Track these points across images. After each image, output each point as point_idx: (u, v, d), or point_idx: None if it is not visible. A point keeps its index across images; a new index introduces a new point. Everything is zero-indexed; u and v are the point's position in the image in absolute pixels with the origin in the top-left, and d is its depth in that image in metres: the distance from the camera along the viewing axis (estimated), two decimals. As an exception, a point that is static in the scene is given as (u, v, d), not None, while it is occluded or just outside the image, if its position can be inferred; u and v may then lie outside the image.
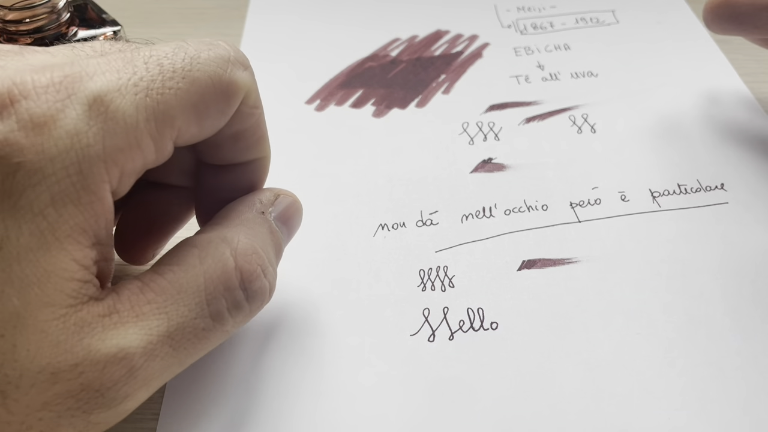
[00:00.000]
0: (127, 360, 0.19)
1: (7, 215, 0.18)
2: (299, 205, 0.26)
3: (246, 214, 0.24)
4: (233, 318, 0.22)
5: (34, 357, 0.18)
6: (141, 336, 0.19)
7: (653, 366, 0.25)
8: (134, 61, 0.20)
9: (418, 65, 0.39)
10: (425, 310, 0.27)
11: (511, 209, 0.31)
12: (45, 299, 0.18)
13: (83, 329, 0.18)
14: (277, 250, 0.24)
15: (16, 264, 0.18)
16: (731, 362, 0.25)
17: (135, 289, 0.20)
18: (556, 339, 0.26)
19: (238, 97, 0.22)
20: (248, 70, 0.23)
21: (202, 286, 0.21)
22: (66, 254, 0.18)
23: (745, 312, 0.26)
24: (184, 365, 0.21)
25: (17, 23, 0.30)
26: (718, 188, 0.31)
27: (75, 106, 0.18)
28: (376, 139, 0.34)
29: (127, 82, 0.19)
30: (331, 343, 0.26)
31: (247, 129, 0.24)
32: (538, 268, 0.28)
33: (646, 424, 0.23)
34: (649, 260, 0.28)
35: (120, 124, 0.19)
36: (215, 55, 0.22)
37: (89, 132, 0.18)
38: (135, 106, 0.19)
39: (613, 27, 0.42)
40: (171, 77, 0.20)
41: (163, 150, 0.21)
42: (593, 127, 0.35)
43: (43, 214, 0.18)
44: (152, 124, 0.20)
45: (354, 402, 0.24)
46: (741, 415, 0.23)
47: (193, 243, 0.22)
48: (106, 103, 0.19)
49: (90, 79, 0.19)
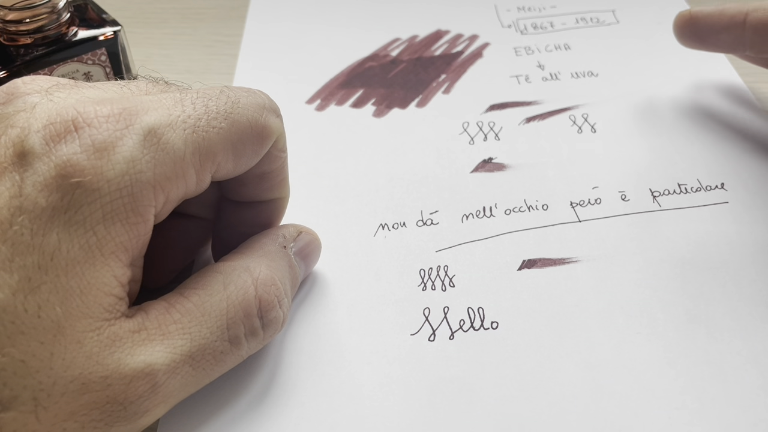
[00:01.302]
0: (152, 376, 0.20)
1: (61, 229, 0.19)
2: (318, 243, 0.28)
3: (269, 246, 0.25)
4: (248, 343, 0.23)
5: (69, 366, 0.19)
6: (166, 354, 0.20)
7: (653, 365, 0.25)
8: (183, 101, 0.22)
9: (419, 65, 0.39)
10: (426, 309, 0.27)
11: (512, 209, 0.31)
12: (85, 310, 0.19)
13: (115, 343, 0.20)
14: (293, 284, 0.26)
15: (63, 275, 0.19)
16: (731, 362, 0.25)
17: (162, 309, 0.21)
18: (556, 338, 0.26)
19: (271, 140, 0.24)
20: (280, 118, 0.25)
21: (224, 310, 0.22)
22: (108, 270, 0.20)
23: (745, 311, 0.26)
24: (200, 385, 0.22)
25: (17, 23, 0.31)
26: (719, 188, 0.31)
27: (132, 135, 0.20)
28: (376, 139, 0.35)
29: (177, 119, 0.21)
30: (332, 343, 0.26)
31: (272, 170, 0.25)
32: (538, 268, 0.28)
33: (646, 423, 0.23)
34: (650, 260, 0.28)
35: (170, 155, 0.21)
36: (253, 102, 0.24)
37: (143, 159, 0.20)
38: (183, 140, 0.21)
39: (614, 27, 0.42)
40: (215, 117, 0.22)
41: (202, 182, 0.22)
42: (593, 127, 0.35)
43: (93, 230, 0.19)
44: (197, 158, 0.22)
45: (355, 402, 0.24)
46: (741, 414, 0.23)
47: (219, 269, 0.23)
48: (158, 135, 0.21)
49: (145, 113, 0.21)
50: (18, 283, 0.18)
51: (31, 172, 0.19)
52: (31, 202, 0.19)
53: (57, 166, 0.19)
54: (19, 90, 0.22)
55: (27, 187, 0.19)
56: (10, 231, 0.19)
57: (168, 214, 0.22)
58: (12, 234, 0.19)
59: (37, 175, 0.19)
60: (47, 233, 0.19)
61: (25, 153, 0.20)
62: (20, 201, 0.19)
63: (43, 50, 0.31)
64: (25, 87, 0.22)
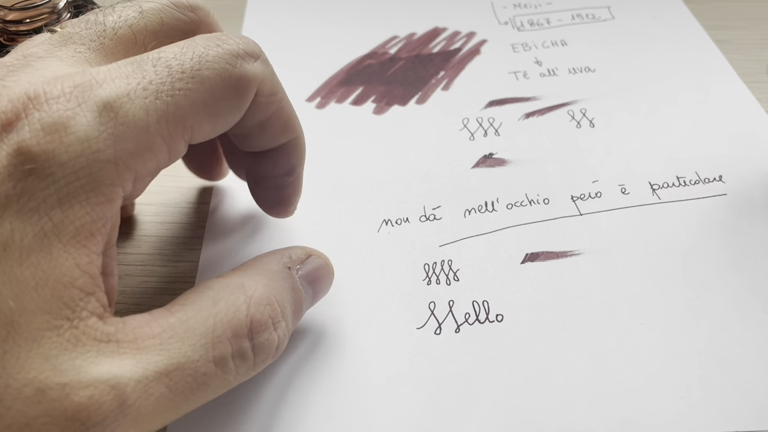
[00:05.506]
0: (119, 390, 0.18)
1: (14, 217, 0.18)
2: (330, 269, 0.25)
3: (271, 265, 0.23)
4: (236, 368, 0.21)
5: (22, 367, 0.17)
6: (136, 368, 0.18)
7: (657, 355, 0.25)
8: (143, 65, 0.20)
9: (417, 62, 0.39)
10: (431, 303, 0.27)
11: (513, 203, 0.31)
12: (41, 305, 0.17)
13: (77, 348, 0.18)
14: (296, 309, 0.23)
15: (17, 266, 0.17)
16: (734, 350, 0.25)
17: (143, 321, 0.19)
18: (561, 330, 0.26)
19: (251, 90, 0.22)
20: (259, 60, 0.22)
21: (210, 328, 0.20)
22: (68, 257, 0.18)
23: (746, 301, 0.27)
24: (179, 412, 0.19)
25: (17, 23, 0.30)
26: (717, 180, 0.32)
27: (85, 113, 0.19)
28: (377, 136, 0.35)
29: (137, 87, 0.20)
30: (339, 337, 0.26)
31: (270, 117, 0.24)
32: (541, 261, 0.28)
33: (650, 412, 0.23)
34: (651, 251, 0.29)
35: (130, 128, 0.19)
36: (223, 51, 0.21)
37: (99, 137, 0.19)
38: (145, 110, 0.20)
39: (609, 23, 0.42)
40: (180, 78, 0.20)
41: (176, 150, 0.21)
42: (592, 122, 0.35)
43: (49, 215, 0.18)
44: (163, 126, 0.20)
45: (363, 395, 0.24)
46: (744, 402, 0.24)
47: (210, 286, 0.21)
48: (115, 109, 0.19)
49: (99, 86, 0.19)
50: None
51: None
52: None
53: (8, 155, 0.18)
54: None
55: None
56: None
57: (145, 188, 0.20)
58: None
59: None
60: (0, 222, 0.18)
61: None
62: None
63: (43, 50, 0.31)
64: None
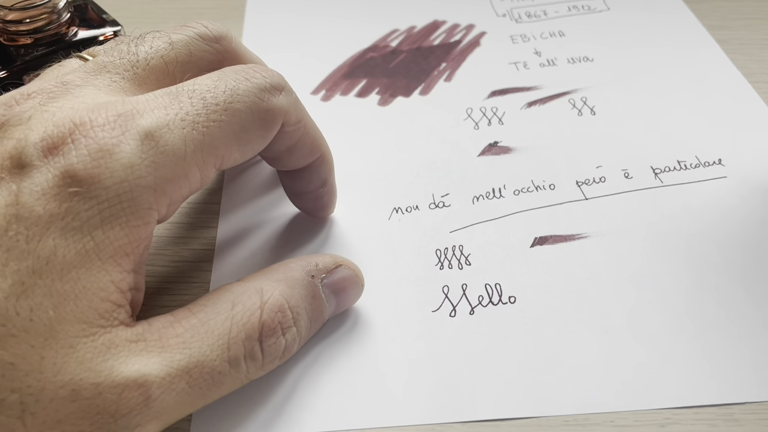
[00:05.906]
0: (145, 387, 0.19)
1: (58, 234, 0.19)
2: (358, 280, 0.26)
3: (294, 272, 0.24)
4: (248, 367, 0.22)
5: (59, 371, 0.18)
6: (162, 366, 0.20)
7: (666, 332, 0.26)
8: (179, 97, 0.22)
9: (419, 54, 0.40)
10: (444, 287, 0.28)
11: (520, 189, 0.32)
12: (79, 315, 0.19)
13: (110, 350, 0.19)
14: (314, 317, 0.24)
15: (58, 279, 0.19)
16: (740, 325, 0.26)
17: (166, 322, 0.21)
18: (572, 309, 0.27)
19: (277, 121, 0.24)
20: (284, 91, 0.24)
21: (227, 329, 0.21)
22: (106, 275, 0.20)
23: (750, 278, 0.27)
24: (196, 406, 0.21)
25: (17, 23, 0.30)
26: (716, 163, 0.33)
27: (129, 141, 0.20)
28: (383, 127, 0.35)
29: (175, 117, 0.21)
30: (355, 322, 0.26)
31: (296, 142, 0.25)
32: (550, 244, 0.29)
33: (661, 386, 0.24)
34: (655, 233, 0.29)
35: (169, 156, 0.21)
36: (252, 86, 0.23)
37: (141, 165, 0.20)
38: (183, 140, 0.21)
39: (605, 13, 0.43)
40: (214, 110, 0.22)
41: (207, 177, 0.22)
42: (593, 110, 0.36)
43: (91, 235, 0.19)
44: (199, 156, 0.21)
45: (384, 376, 0.25)
46: (752, 375, 0.24)
47: (231, 289, 0.23)
48: (156, 138, 0.21)
49: (141, 116, 0.21)
50: (11, 287, 0.18)
51: (28, 182, 0.19)
52: (28, 210, 0.19)
53: (55, 177, 0.19)
54: (12, 103, 0.22)
55: (24, 196, 0.19)
56: (5, 237, 0.19)
57: (175, 212, 0.22)
58: (7, 240, 0.19)
59: (34, 184, 0.19)
60: (43, 239, 0.19)
61: (23, 165, 0.20)
62: (17, 209, 0.19)
63: (43, 50, 0.31)
64: (19, 99, 0.22)
